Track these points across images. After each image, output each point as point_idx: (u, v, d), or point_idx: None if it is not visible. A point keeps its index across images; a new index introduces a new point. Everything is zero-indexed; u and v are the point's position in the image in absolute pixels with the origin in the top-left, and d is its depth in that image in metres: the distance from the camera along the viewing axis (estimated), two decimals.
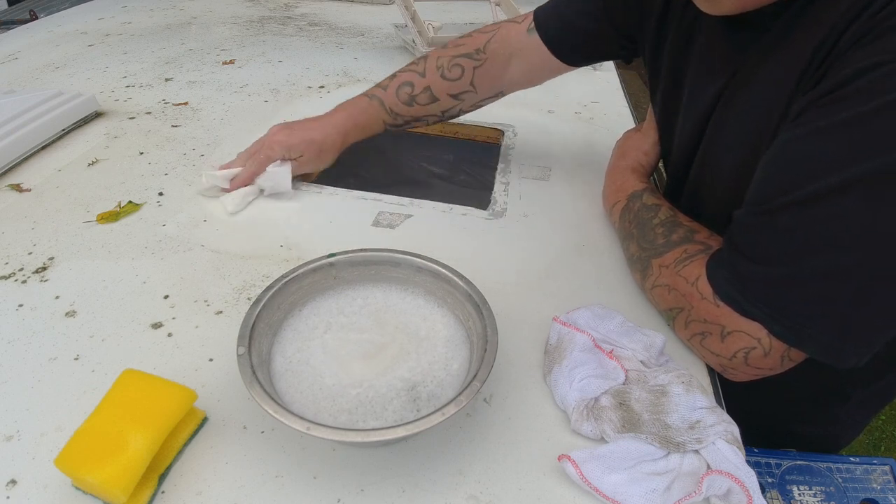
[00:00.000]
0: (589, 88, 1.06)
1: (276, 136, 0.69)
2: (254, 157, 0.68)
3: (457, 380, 0.42)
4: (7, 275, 0.57)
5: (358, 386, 0.42)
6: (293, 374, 0.42)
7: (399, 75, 0.73)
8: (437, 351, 0.45)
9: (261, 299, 0.44)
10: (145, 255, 0.59)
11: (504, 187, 0.74)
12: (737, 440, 0.40)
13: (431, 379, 0.43)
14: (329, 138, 0.69)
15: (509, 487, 0.39)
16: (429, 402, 0.41)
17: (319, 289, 0.49)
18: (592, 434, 0.42)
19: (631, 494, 0.37)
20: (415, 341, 0.45)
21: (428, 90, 0.71)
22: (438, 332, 0.46)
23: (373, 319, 0.47)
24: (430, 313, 0.48)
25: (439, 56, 0.72)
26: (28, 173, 0.74)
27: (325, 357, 0.44)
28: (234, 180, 0.68)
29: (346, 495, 0.39)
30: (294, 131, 0.69)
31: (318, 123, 0.70)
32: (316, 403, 0.40)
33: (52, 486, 0.38)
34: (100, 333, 0.50)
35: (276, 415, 0.36)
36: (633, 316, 0.52)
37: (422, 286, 0.49)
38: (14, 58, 1.11)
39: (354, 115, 0.71)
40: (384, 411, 0.40)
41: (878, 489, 0.58)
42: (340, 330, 0.46)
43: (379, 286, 0.50)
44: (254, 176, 0.68)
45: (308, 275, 0.48)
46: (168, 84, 1.01)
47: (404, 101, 0.71)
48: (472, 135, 0.92)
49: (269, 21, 1.40)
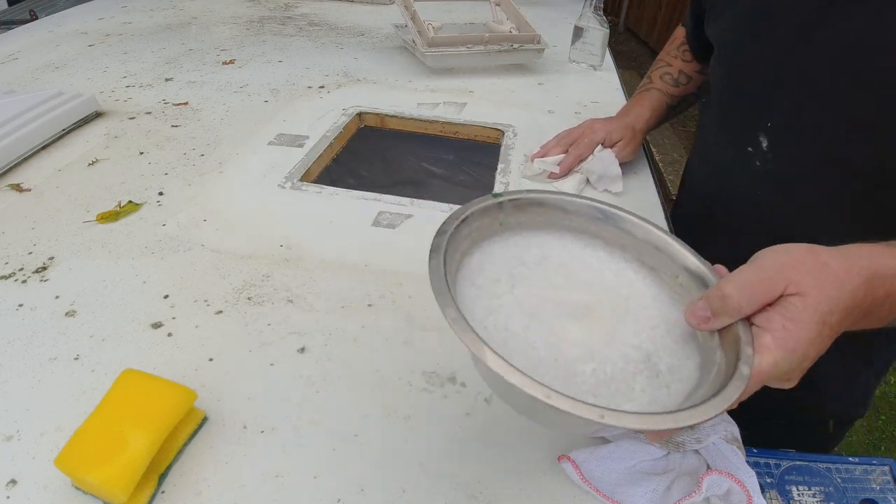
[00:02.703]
0: (589, 88, 1.06)
1: (594, 124, 0.77)
2: (578, 143, 0.75)
3: (685, 347, 0.35)
4: (7, 275, 0.57)
5: (590, 359, 0.33)
6: (493, 343, 0.30)
7: (654, 72, 0.83)
8: (650, 312, 0.37)
9: (439, 246, 0.34)
10: (145, 255, 0.59)
11: (504, 187, 0.74)
12: (737, 440, 0.40)
13: (663, 347, 0.35)
14: (640, 120, 0.78)
15: (509, 487, 0.39)
16: (673, 377, 0.33)
17: (486, 234, 0.40)
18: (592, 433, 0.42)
19: (631, 494, 0.37)
20: (620, 300, 0.37)
21: (682, 73, 0.81)
22: (639, 289, 0.39)
23: (561, 273, 0.39)
24: (621, 268, 0.40)
25: (668, 51, 0.83)
26: (28, 173, 0.74)
27: (528, 320, 0.35)
28: (561, 164, 0.74)
29: (346, 495, 0.39)
30: (608, 119, 0.78)
31: (623, 115, 0.79)
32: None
33: (52, 486, 0.38)
34: (100, 333, 0.50)
35: (561, 404, 0.26)
36: None
37: (600, 237, 0.41)
38: (14, 58, 1.11)
39: (647, 104, 0.80)
40: (631, 391, 0.32)
41: (877, 489, 0.58)
42: (530, 285, 0.37)
43: (552, 234, 0.41)
44: (579, 159, 0.74)
45: (477, 217, 0.38)
46: (168, 84, 1.01)
47: (672, 84, 0.81)
48: (472, 135, 0.92)
49: (269, 21, 1.40)
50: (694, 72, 0.81)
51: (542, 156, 0.76)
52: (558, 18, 1.46)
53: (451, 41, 1.07)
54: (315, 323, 0.52)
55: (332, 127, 0.87)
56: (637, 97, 0.82)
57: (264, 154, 0.79)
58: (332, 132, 0.85)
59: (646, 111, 0.79)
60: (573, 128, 0.78)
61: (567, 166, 0.74)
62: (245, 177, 0.74)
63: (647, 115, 0.79)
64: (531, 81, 1.08)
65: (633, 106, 0.81)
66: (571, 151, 0.74)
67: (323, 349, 0.49)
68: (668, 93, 0.81)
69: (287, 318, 0.52)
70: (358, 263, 0.59)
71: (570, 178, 0.74)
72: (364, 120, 0.94)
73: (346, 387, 0.46)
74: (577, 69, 1.15)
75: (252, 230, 0.64)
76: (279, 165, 0.76)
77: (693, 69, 0.81)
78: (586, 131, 0.76)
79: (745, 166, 0.62)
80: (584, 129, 0.76)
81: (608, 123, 0.77)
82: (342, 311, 0.53)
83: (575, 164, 0.74)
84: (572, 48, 1.16)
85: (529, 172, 0.75)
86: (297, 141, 0.82)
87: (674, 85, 0.81)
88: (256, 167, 0.76)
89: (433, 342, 0.50)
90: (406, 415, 0.44)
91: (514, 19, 1.17)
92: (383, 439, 0.42)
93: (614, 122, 0.77)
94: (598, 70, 1.14)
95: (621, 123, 0.77)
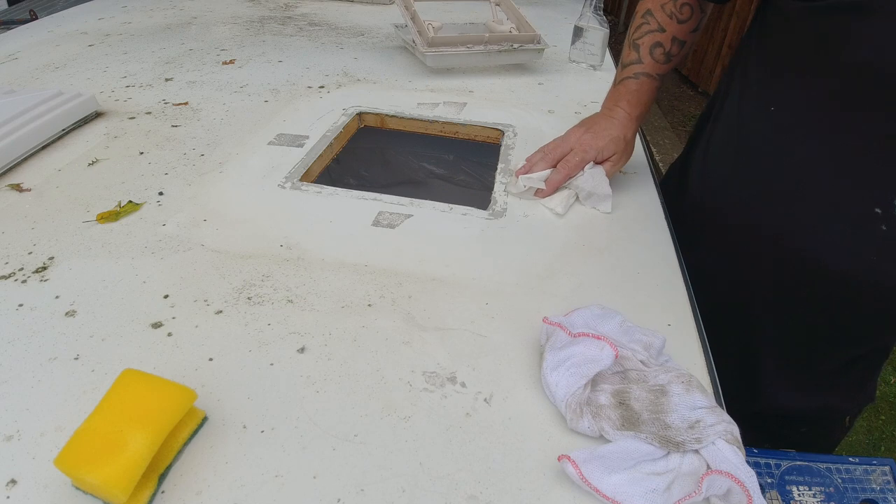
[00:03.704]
0: (589, 88, 1.06)
1: (583, 138, 0.70)
2: (567, 161, 0.69)
3: None
4: (7, 275, 0.57)
5: None
6: None
7: (640, 42, 0.72)
8: None
9: None
10: (145, 255, 0.59)
11: (504, 187, 0.74)
12: (737, 440, 0.40)
13: None
14: (629, 129, 0.71)
15: (509, 487, 0.39)
16: None
17: None
18: (591, 431, 0.42)
19: (631, 495, 0.37)
20: None
21: (675, 40, 0.72)
22: None
23: None
24: None
25: (663, 4, 0.72)
26: (28, 173, 0.74)
27: None
28: (548, 181, 0.70)
29: (346, 495, 0.39)
30: (597, 133, 0.70)
31: (611, 120, 0.71)
32: None
33: (52, 486, 0.38)
34: (100, 333, 0.50)
35: None
36: (632, 316, 0.52)
37: None
38: (14, 58, 1.11)
39: (635, 99, 0.72)
40: None
41: (877, 489, 0.58)
42: None
43: None
44: (568, 178, 0.70)
45: None
46: (168, 84, 1.01)
47: (662, 62, 0.72)
48: (472, 135, 0.92)
49: (269, 21, 1.40)
50: (689, 33, 0.72)
51: (527, 171, 0.71)
52: (558, 18, 1.46)
53: (451, 41, 1.07)
54: (315, 323, 0.52)
55: (332, 127, 0.87)
56: (625, 89, 0.73)
57: (264, 154, 0.79)
58: (332, 132, 0.85)
59: (635, 109, 0.72)
60: (559, 140, 0.72)
61: (554, 184, 0.69)
62: (245, 177, 0.74)
63: (637, 114, 0.73)
64: (531, 81, 1.08)
65: (621, 103, 0.72)
66: (560, 169, 0.69)
67: (323, 349, 0.49)
68: (658, 74, 0.73)
69: (287, 318, 0.52)
70: (358, 263, 0.59)
71: (557, 195, 0.70)
72: (364, 120, 0.94)
73: (346, 387, 0.46)
74: (577, 69, 1.15)
75: (252, 230, 0.64)
76: (279, 165, 0.76)
77: (689, 29, 0.71)
78: (576, 148, 0.69)
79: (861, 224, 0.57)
80: (573, 146, 0.70)
81: (598, 139, 0.70)
82: (342, 311, 0.53)
83: (563, 182, 0.70)
84: (572, 48, 1.16)
85: (514, 190, 0.71)
86: (297, 141, 0.82)
87: (665, 61, 0.72)
88: (256, 167, 0.76)
89: (433, 342, 0.50)
90: (406, 415, 0.44)
91: (514, 19, 1.17)
92: (383, 439, 0.42)
93: (603, 134, 0.70)
94: (598, 70, 1.14)
95: (611, 135, 0.70)
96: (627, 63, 0.74)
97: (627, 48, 0.74)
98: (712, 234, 0.74)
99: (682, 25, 0.71)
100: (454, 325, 0.52)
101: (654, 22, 0.72)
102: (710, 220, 0.74)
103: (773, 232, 0.66)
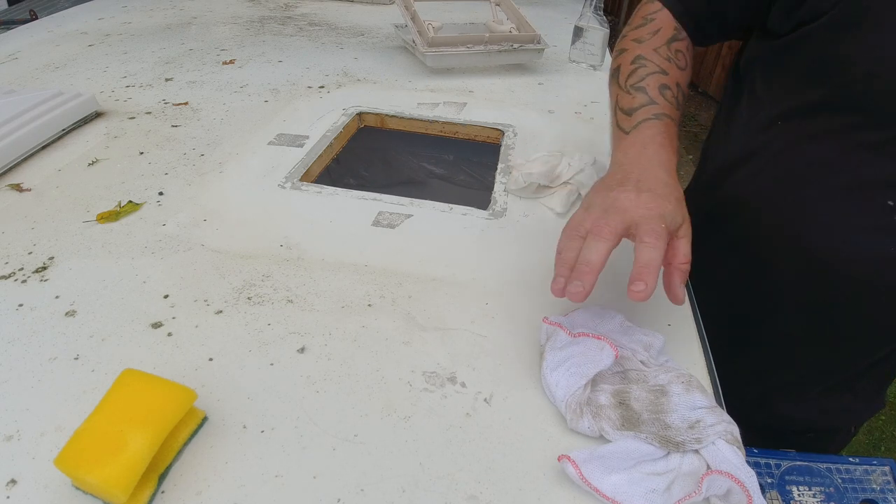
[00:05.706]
0: (589, 88, 1.06)
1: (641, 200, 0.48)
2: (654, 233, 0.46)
3: None
4: (7, 275, 0.57)
5: None
6: None
7: (643, 84, 0.60)
8: None
9: None
10: (145, 255, 0.59)
11: (504, 187, 0.74)
12: (737, 440, 0.40)
13: None
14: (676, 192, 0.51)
15: (509, 487, 0.39)
16: None
17: None
18: (590, 431, 0.42)
19: (631, 495, 0.37)
20: None
21: (679, 86, 0.62)
22: None
23: None
24: None
25: (656, 48, 0.63)
26: (28, 173, 0.74)
27: None
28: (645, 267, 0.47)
29: (346, 495, 0.39)
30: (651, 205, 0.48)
31: (653, 182, 0.51)
32: None
33: (52, 486, 0.38)
34: (100, 333, 0.50)
35: None
36: (632, 317, 0.52)
37: None
38: (14, 58, 1.11)
39: (668, 144, 0.56)
40: None
41: (877, 490, 0.58)
42: None
43: None
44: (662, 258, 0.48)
45: None
46: (168, 84, 1.01)
47: (676, 106, 0.61)
48: (472, 135, 0.92)
49: (269, 21, 1.40)
50: (687, 82, 0.65)
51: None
52: (558, 18, 1.46)
53: (451, 41, 1.07)
54: (315, 323, 0.52)
55: (332, 127, 0.87)
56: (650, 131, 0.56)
57: (264, 154, 0.79)
58: (332, 132, 0.85)
59: (674, 157, 0.56)
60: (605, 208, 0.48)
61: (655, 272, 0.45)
62: (245, 177, 0.74)
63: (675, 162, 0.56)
64: (531, 81, 1.08)
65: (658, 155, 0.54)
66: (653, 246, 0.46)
67: (323, 349, 0.49)
68: (675, 117, 0.60)
69: (287, 318, 0.52)
70: (358, 263, 0.59)
71: (558, 193, 0.69)
72: (364, 120, 0.94)
73: (346, 387, 0.46)
74: (577, 69, 1.15)
75: (252, 230, 0.64)
76: (279, 165, 0.76)
77: (688, 77, 0.65)
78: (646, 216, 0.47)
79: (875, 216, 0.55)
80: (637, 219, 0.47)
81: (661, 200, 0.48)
82: (342, 311, 0.53)
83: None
84: (572, 48, 1.16)
85: (514, 186, 0.71)
86: (296, 141, 0.82)
87: (678, 106, 0.62)
88: (256, 167, 0.76)
89: (433, 342, 0.50)
90: (406, 415, 0.44)
91: (514, 19, 1.17)
92: (383, 439, 0.42)
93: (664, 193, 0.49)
94: (598, 70, 1.14)
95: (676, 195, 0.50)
96: (636, 107, 0.59)
97: (625, 95, 0.61)
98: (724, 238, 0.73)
99: (682, 72, 0.64)
100: (454, 325, 0.52)
101: (651, 65, 0.62)
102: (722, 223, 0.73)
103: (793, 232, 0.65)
